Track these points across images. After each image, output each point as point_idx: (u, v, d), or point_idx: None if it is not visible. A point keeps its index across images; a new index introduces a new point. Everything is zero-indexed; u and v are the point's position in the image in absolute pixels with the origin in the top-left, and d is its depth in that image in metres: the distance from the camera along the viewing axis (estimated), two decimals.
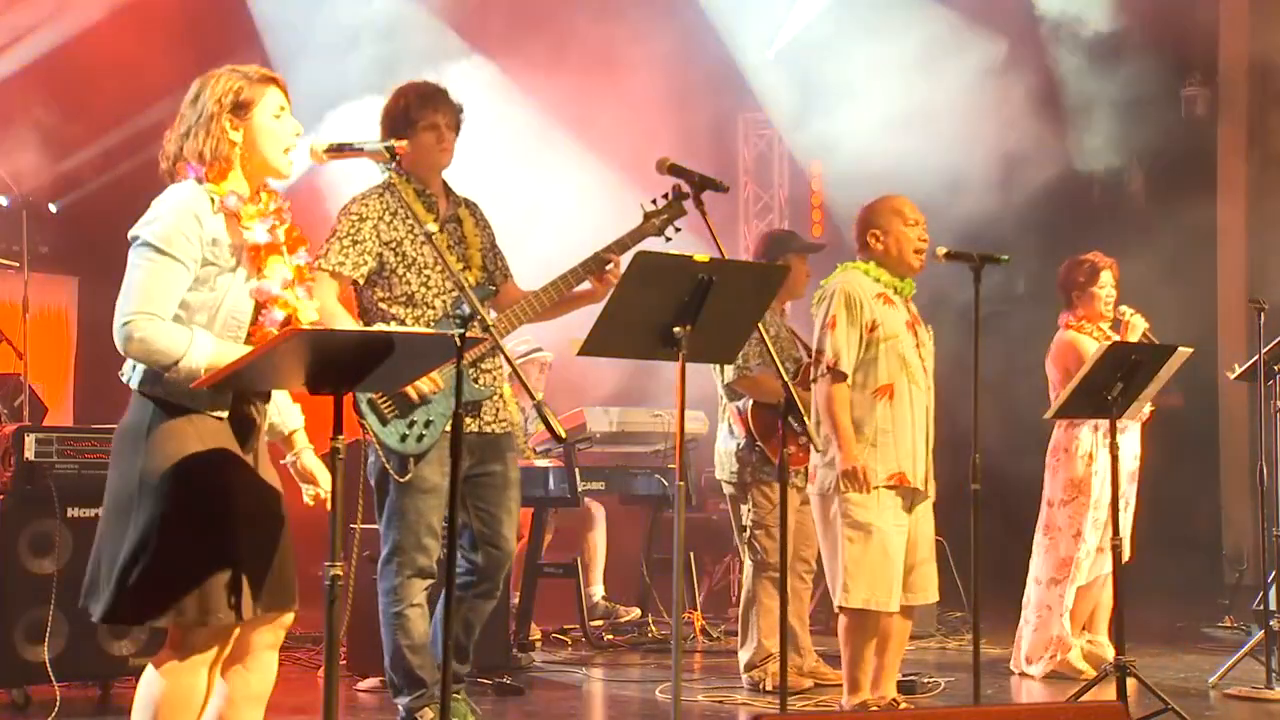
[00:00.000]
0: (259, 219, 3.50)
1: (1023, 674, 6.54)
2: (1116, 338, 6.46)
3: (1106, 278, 6.59)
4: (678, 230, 4.90)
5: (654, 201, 4.91)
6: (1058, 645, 6.48)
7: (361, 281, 4.87)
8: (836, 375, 5.16)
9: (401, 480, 4.77)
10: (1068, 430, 6.50)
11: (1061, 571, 6.47)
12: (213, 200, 3.45)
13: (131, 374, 3.48)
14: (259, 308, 3.51)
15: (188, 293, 3.40)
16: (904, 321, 5.29)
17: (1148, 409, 6.33)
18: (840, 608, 5.19)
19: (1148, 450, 6.68)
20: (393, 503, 4.84)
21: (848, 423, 5.11)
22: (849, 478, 5.09)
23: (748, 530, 6.25)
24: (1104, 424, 5.79)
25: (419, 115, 4.92)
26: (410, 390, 4.69)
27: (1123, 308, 6.61)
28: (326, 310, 4.60)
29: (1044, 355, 6.67)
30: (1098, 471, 6.35)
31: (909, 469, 5.18)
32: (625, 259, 4.34)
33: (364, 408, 4.76)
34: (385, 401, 4.77)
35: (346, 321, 4.75)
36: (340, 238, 4.82)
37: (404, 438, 4.77)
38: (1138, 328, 6.55)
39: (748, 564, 6.28)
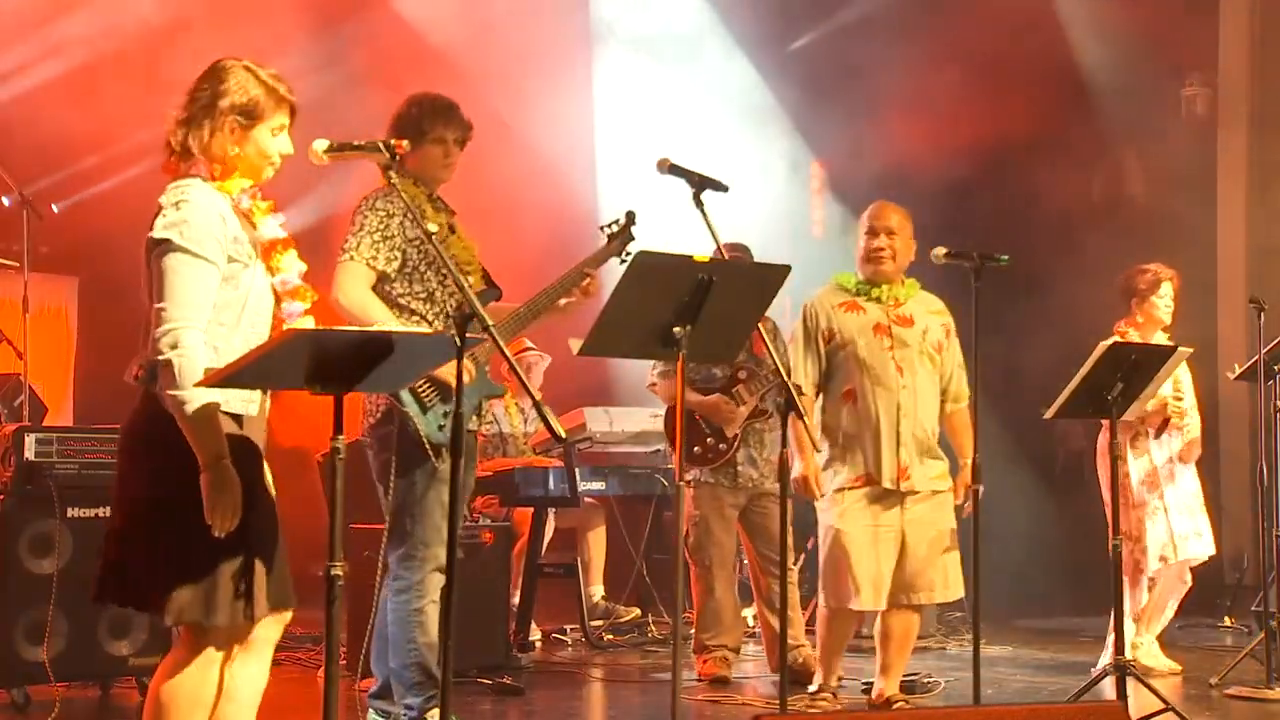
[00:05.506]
0: (269, 215, 3.55)
1: None
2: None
3: (1167, 289, 6.60)
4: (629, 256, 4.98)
5: (610, 225, 5.12)
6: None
7: (392, 275, 4.84)
8: (797, 390, 5.21)
9: (438, 468, 4.71)
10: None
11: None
12: (230, 199, 3.49)
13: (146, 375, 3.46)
14: (278, 300, 3.54)
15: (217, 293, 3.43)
16: (870, 325, 5.41)
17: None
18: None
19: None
20: (420, 495, 4.77)
21: (803, 435, 5.23)
22: (797, 486, 5.35)
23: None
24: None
25: (430, 127, 4.92)
26: (448, 377, 4.60)
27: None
28: (364, 300, 4.70)
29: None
30: (1129, 473, 6.47)
31: (875, 469, 5.37)
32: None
33: (405, 395, 4.70)
34: (426, 389, 4.72)
35: (382, 311, 4.73)
36: (371, 232, 4.79)
37: (440, 427, 4.72)
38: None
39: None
